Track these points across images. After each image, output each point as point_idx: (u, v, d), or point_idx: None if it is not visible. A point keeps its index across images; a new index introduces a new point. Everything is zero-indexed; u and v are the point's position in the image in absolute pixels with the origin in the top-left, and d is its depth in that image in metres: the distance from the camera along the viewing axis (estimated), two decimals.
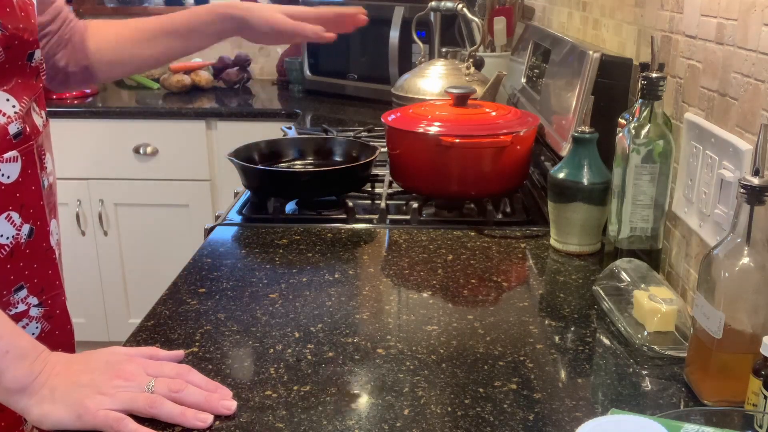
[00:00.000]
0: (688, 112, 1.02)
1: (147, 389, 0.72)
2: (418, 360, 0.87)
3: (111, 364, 0.74)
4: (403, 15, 2.36)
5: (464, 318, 0.98)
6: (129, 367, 0.74)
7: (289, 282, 1.08)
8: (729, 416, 0.66)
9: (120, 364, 0.74)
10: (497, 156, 1.31)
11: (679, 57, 1.07)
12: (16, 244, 0.88)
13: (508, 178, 1.36)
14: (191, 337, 0.92)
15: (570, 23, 1.75)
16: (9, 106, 0.84)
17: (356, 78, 2.61)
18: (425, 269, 1.13)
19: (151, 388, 0.72)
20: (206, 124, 2.52)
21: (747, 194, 0.71)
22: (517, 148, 1.32)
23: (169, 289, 1.05)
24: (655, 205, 1.04)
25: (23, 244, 0.89)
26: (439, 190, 1.37)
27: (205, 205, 2.59)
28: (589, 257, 1.17)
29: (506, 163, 1.33)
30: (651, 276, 0.99)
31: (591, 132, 1.15)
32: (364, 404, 0.79)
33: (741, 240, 0.73)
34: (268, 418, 0.75)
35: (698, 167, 0.98)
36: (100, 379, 0.72)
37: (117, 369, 0.74)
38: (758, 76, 0.84)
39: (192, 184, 2.57)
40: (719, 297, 0.74)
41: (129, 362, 0.75)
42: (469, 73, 1.82)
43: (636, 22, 1.27)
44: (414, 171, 1.37)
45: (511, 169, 1.35)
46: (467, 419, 0.75)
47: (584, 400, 0.79)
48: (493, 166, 1.32)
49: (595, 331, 0.95)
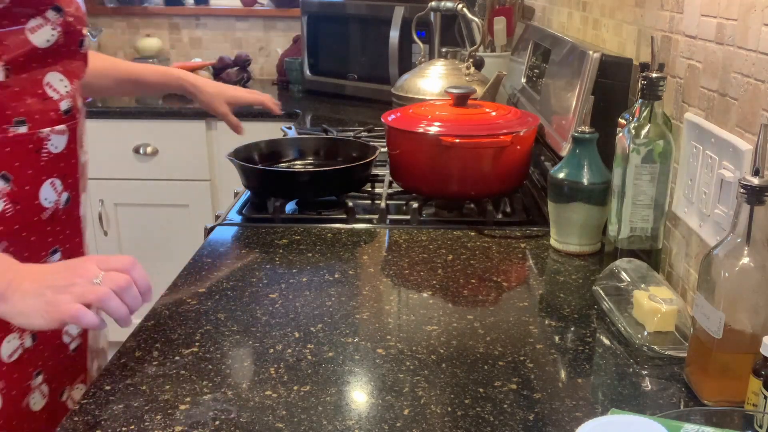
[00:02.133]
0: (688, 112, 1.02)
1: (96, 281, 0.80)
2: (418, 360, 0.87)
3: (69, 265, 0.82)
4: (403, 15, 2.36)
5: (464, 318, 0.98)
6: (84, 264, 0.82)
7: (289, 282, 1.08)
8: (729, 416, 0.66)
9: (76, 264, 0.82)
10: (497, 156, 1.31)
11: (679, 57, 1.07)
12: (56, 209, 0.97)
13: (508, 178, 1.36)
14: (191, 337, 0.92)
15: (570, 23, 1.75)
16: (62, 86, 0.95)
17: (356, 78, 2.61)
18: (425, 269, 1.13)
19: (99, 280, 0.80)
20: (206, 124, 2.52)
21: (747, 194, 0.71)
22: (517, 148, 1.32)
23: (169, 289, 1.05)
24: (655, 205, 1.04)
25: (61, 210, 0.98)
26: (439, 190, 1.37)
27: (205, 205, 2.59)
28: (589, 257, 1.17)
29: (506, 163, 1.33)
30: (651, 276, 0.99)
31: (591, 132, 1.15)
32: (364, 404, 0.79)
33: (741, 240, 0.73)
34: (268, 418, 0.75)
35: (698, 167, 0.97)
36: (60, 278, 0.80)
37: (73, 268, 0.81)
38: (758, 76, 0.84)
39: (192, 184, 2.57)
40: (719, 297, 0.74)
41: (84, 261, 0.83)
42: (469, 73, 1.82)
43: (636, 22, 1.27)
44: (414, 171, 1.37)
45: (511, 169, 1.35)
46: (467, 419, 0.75)
47: (584, 400, 0.79)
48: (493, 166, 1.32)
49: (595, 331, 0.95)
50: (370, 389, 0.81)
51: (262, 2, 3.13)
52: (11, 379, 0.92)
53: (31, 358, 0.94)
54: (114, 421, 0.75)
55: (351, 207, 1.34)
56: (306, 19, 2.68)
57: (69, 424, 0.75)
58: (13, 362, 0.92)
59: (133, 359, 0.87)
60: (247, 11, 3.10)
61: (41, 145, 0.93)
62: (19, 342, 0.92)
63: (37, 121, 0.92)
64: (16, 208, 0.91)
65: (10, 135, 0.89)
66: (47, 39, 0.91)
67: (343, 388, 0.81)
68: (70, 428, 0.75)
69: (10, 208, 0.90)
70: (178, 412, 0.77)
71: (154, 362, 0.86)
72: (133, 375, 0.84)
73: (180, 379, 0.83)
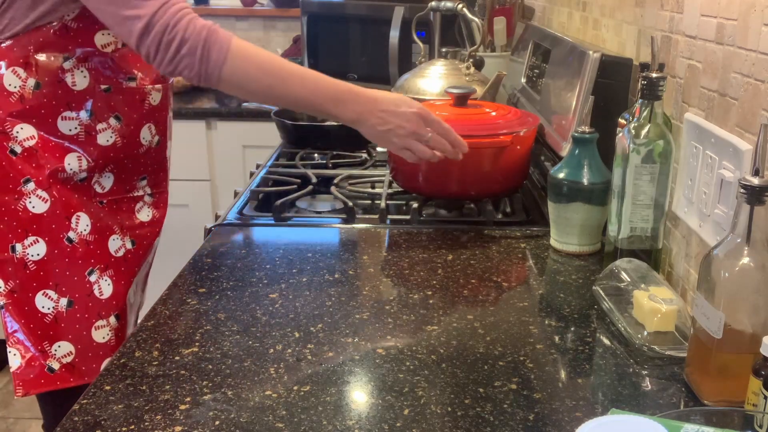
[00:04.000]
0: (688, 112, 1.02)
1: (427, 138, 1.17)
2: (418, 360, 0.87)
3: (409, 118, 1.15)
4: (403, 15, 2.36)
5: (464, 318, 0.98)
6: (420, 120, 1.16)
7: (289, 282, 1.08)
8: (729, 416, 0.66)
9: (415, 118, 1.16)
10: (497, 156, 1.31)
11: (679, 57, 1.07)
12: (149, 148, 1.30)
13: (508, 179, 1.36)
14: (191, 337, 0.92)
15: (570, 23, 1.75)
16: None
17: (356, 78, 2.61)
18: (425, 269, 1.13)
19: (428, 138, 1.17)
20: (206, 124, 2.52)
21: (747, 194, 0.71)
22: (517, 148, 1.32)
23: (169, 289, 1.05)
24: (655, 205, 1.04)
25: (153, 149, 1.31)
26: (439, 191, 1.37)
27: (205, 205, 2.59)
28: (589, 257, 1.17)
29: (506, 163, 1.33)
30: (651, 276, 0.99)
31: (591, 132, 1.15)
32: (364, 404, 0.79)
33: (741, 240, 0.73)
34: (268, 418, 0.75)
35: (698, 167, 0.97)
36: (404, 126, 1.15)
37: (415, 122, 1.15)
38: (758, 76, 0.84)
39: (192, 184, 2.57)
40: (719, 297, 0.74)
41: (419, 117, 1.16)
42: (469, 73, 1.82)
43: (636, 22, 1.27)
44: (414, 171, 1.37)
45: (511, 169, 1.35)
46: (467, 419, 0.75)
47: (584, 400, 0.79)
48: (493, 166, 1.32)
49: (595, 331, 0.95)
50: (370, 389, 0.81)
51: (262, 2, 3.13)
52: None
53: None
54: (114, 421, 0.75)
55: (351, 207, 1.34)
56: (306, 19, 2.68)
57: (69, 424, 0.75)
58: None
59: (133, 359, 0.87)
60: (247, 11, 3.10)
61: (144, 97, 1.24)
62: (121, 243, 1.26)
63: (142, 79, 1.23)
64: (123, 141, 1.23)
65: (124, 87, 1.21)
66: None
67: (343, 388, 0.81)
68: (70, 428, 0.75)
69: (119, 141, 1.22)
70: (178, 412, 0.77)
71: (154, 362, 0.86)
72: (133, 375, 0.84)
73: (180, 379, 0.83)
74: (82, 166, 1.18)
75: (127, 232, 1.27)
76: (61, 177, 1.17)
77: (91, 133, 1.18)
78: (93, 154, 1.19)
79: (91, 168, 1.20)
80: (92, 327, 1.20)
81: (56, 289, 1.18)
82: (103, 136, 1.19)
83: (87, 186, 1.21)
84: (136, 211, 1.29)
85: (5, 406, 2.50)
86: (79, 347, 1.19)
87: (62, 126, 1.16)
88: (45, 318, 1.18)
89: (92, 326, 1.20)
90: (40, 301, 1.17)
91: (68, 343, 1.19)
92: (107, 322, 1.21)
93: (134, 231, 1.28)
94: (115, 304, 1.23)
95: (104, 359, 1.21)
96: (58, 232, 1.17)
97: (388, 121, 1.14)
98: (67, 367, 1.19)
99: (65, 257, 1.18)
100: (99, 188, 1.22)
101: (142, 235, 1.30)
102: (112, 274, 1.23)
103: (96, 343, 1.21)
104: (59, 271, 1.18)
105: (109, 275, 1.23)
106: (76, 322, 1.19)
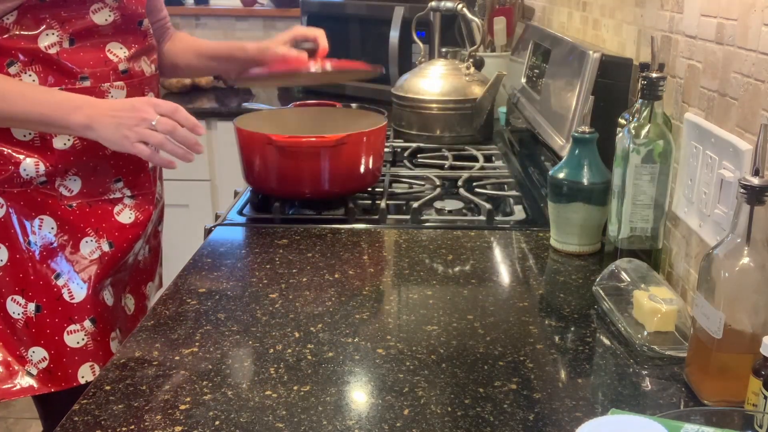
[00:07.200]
0: (688, 112, 1.02)
1: (153, 123, 1.10)
2: (418, 360, 0.87)
3: (134, 106, 1.11)
4: (403, 15, 2.36)
5: (464, 318, 0.98)
6: (144, 107, 1.11)
7: (289, 282, 1.08)
8: (729, 416, 0.66)
9: (139, 106, 1.11)
10: (333, 156, 1.32)
11: (679, 57, 1.07)
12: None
13: (349, 178, 1.37)
14: (191, 337, 0.92)
15: (570, 23, 1.75)
16: (122, 52, 1.22)
17: None
18: (425, 269, 1.13)
19: (155, 123, 1.10)
20: (206, 124, 2.52)
21: (747, 194, 0.71)
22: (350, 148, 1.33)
23: (169, 289, 1.05)
24: (655, 205, 1.04)
25: None
26: (289, 192, 1.38)
27: (205, 205, 2.59)
28: (589, 257, 1.17)
29: (342, 163, 1.34)
30: (651, 276, 0.99)
31: (591, 132, 1.15)
32: (364, 404, 0.79)
33: (741, 240, 0.73)
34: (268, 418, 0.75)
35: (698, 167, 0.97)
36: (128, 117, 1.10)
37: (138, 109, 1.10)
38: (758, 76, 0.84)
39: (192, 184, 2.57)
40: (719, 297, 0.74)
41: (144, 104, 1.11)
42: (469, 73, 1.82)
43: (636, 22, 1.27)
44: (261, 172, 1.38)
45: (349, 168, 1.35)
46: (467, 419, 0.75)
47: (584, 400, 0.79)
48: (331, 166, 1.33)
49: (595, 331, 0.95)
50: (370, 389, 0.81)
51: (262, 2, 3.13)
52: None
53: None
54: (114, 421, 0.75)
55: (351, 207, 1.34)
56: (306, 19, 2.68)
57: (69, 424, 0.75)
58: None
59: (133, 359, 0.87)
60: (247, 11, 3.10)
61: (102, 96, 1.19)
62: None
63: (99, 77, 1.19)
64: (83, 144, 1.18)
65: (77, 87, 1.16)
66: (105, 18, 1.18)
67: (343, 388, 0.81)
68: (70, 428, 0.75)
69: (78, 144, 1.18)
70: (178, 412, 0.77)
71: (154, 362, 0.86)
72: (133, 375, 0.84)
73: (180, 379, 0.83)
74: (39, 171, 1.16)
75: (104, 234, 1.22)
76: (18, 182, 1.15)
77: (46, 138, 1.16)
78: (51, 159, 1.16)
79: (51, 173, 1.17)
80: (64, 332, 1.18)
81: (23, 294, 1.17)
82: (59, 140, 1.17)
83: (51, 189, 1.18)
84: (115, 213, 1.24)
85: (5, 406, 2.50)
86: (52, 352, 1.18)
87: (16, 133, 1.15)
88: (17, 323, 1.17)
89: (64, 331, 1.18)
90: (10, 307, 1.17)
91: (41, 349, 1.18)
92: (81, 327, 1.19)
93: (113, 233, 1.23)
94: (90, 308, 1.20)
95: (81, 364, 1.19)
96: (17, 237, 1.16)
97: (118, 116, 1.10)
98: (44, 372, 1.18)
99: (28, 261, 1.17)
100: (66, 191, 1.19)
101: (122, 237, 1.25)
102: (86, 278, 1.20)
103: (70, 348, 1.18)
104: (23, 276, 1.17)
105: (82, 278, 1.20)
106: (47, 327, 1.18)
